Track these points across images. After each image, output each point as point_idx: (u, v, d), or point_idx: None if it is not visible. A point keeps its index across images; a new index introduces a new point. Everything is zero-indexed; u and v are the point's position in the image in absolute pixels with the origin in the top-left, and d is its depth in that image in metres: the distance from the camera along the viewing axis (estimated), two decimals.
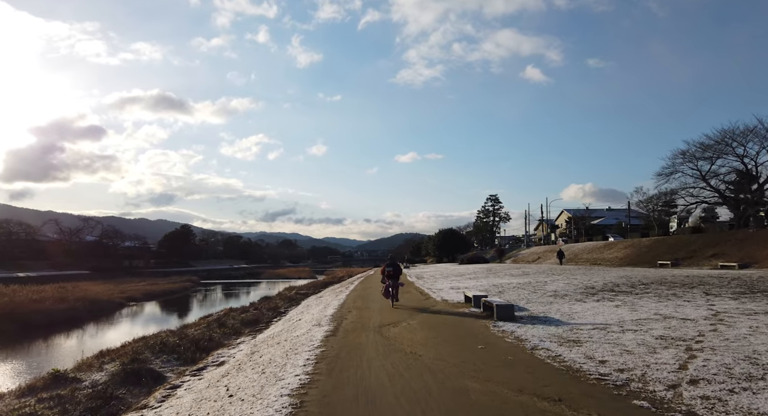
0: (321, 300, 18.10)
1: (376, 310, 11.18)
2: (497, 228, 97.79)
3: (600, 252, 40.70)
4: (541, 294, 13.08)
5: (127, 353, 14.11)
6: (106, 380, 10.79)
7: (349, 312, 10.66)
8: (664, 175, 34.25)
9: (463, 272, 32.07)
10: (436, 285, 21.33)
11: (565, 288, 14.68)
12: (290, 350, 6.45)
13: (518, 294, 13.76)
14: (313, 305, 15.91)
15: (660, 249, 32.92)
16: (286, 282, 62.82)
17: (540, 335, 6.87)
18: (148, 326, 25.25)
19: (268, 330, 11.50)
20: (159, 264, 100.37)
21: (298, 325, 9.62)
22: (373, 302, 13.48)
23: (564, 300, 11.45)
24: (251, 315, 22.95)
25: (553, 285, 16.18)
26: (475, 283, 20.26)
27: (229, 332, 18.81)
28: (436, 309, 10.97)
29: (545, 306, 10.47)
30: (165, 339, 15.72)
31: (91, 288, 45.21)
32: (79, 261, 77.22)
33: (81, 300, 33.09)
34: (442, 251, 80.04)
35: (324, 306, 12.78)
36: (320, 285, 42.45)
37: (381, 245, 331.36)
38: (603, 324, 7.45)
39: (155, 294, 45.13)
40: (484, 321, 8.58)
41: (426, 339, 6.87)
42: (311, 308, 14.59)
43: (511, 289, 15.55)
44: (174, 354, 13.94)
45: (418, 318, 9.37)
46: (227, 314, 24.38)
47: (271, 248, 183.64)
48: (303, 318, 11.07)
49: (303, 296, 31.65)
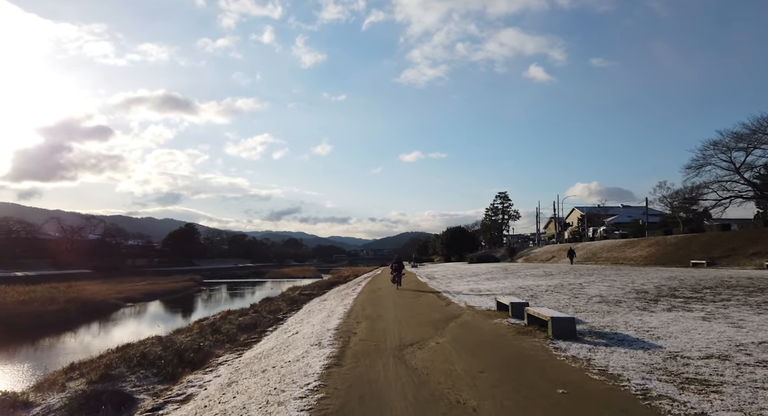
0: (324, 304, 16.04)
1: (391, 320, 9.11)
2: (506, 226, 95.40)
3: (621, 250, 38.35)
4: (585, 301, 10.95)
5: (100, 367, 12.18)
6: (61, 405, 8.85)
7: (357, 324, 8.60)
8: (694, 167, 31.79)
9: (476, 272, 29.92)
10: (452, 286, 19.23)
11: (610, 291, 12.53)
12: (274, 390, 4.40)
13: (556, 299, 11.64)
14: (315, 311, 13.84)
15: (690, 247, 30.58)
16: (291, 282, 60.95)
17: (633, 366, 4.79)
18: (140, 329, 23.44)
19: (260, 345, 9.45)
20: (163, 263, 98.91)
21: (293, 342, 7.58)
22: (386, 308, 11.42)
23: (621, 308, 9.32)
24: (249, 319, 21.12)
25: (593, 288, 14.03)
26: (496, 285, 18.14)
27: (222, 339, 16.89)
28: (464, 320, 8.88)
29: (603, 316, 8.36)
30: (147, 349, 13.77)
31: (88, 287, 43.55)
32: (82, 260, 75.78)
33: (72, 302, 31.38)
34: (450, 250, 77.88)
35: (327, 315, 10.73)
36: (325, 285, 40.46)
37: (387, 244, 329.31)
38: (716, 351, 5.34)
39: (155, 295, 43.35)
40: (536, 340, 6.50)
41: (471, 373, 4.79)
42: (312, 315, 12.52)
43: (544, 293, 13.43)
44: (153, 368, 11.97)
45: (448, 334, 7.30)
46: (224, 317, 22.54)
47: (277, 247, 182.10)
48: (301, 330, 9.01)
49: (306, 297, 29.66)
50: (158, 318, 29.59)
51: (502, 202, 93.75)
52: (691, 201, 34.30)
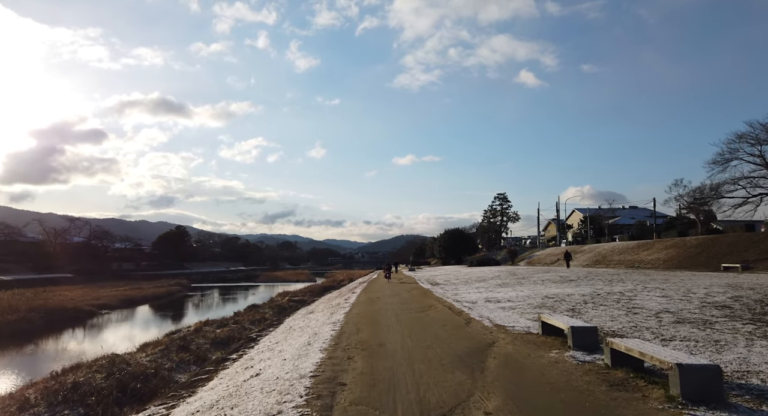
0: (310, 319, 13.19)
1: (398, 354, 6.33)
2: (505, 228, 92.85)
3: (634, 253, 35.78)
4: (654, 319, 8.22)
5: (12, 405, 9.36)
6: None
7: (348, 362, 5.82)
8: (719, 162, 29.12)
9: (482, 277, 27.19)
10: (461, 294, 16.48)
11: (675, 305, 9.78)
12: None
13: (608, 315, 8.92)
14: (296, 329, 10.97)
15: (713, 249, 28.03)
16: (284, 286, 58.15)
17: None
18: (106, 342, 20.72)
19: (210, 386, 6.56)
20: (151, 266, 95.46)
21: (247, 395, 4.75)
22: (388, 330, 8.63)
23: (726, 334, 6.61)
24: (227, 332, 18.49)
25: (644, 299, 11.31)
26: (514, 293, 15.40)
27: (189, 359, 14.12)
28: (504, 352, 6.13)
29: (721, 351, 5.63)
30: (85, 377, 10.95)
31: (64, 293, 40.55)
32: (64, 263, 72.34)
33: (37, 310, 28.42)
34: (448, 253, 75.25)
35: (308, 340, 7.87)
36: (317, 290, 37.76)
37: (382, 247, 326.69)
38: None
39: (135, 301, 40.37)
40: (652, 405, 3.78)
41: None
42: (291, 337, 9.63)
43: (584, 306, 10.71)
44: (81, 407, 9.14)
45: (495, 386, 4.55)
46: (199, 329, 19.84)
47: (271, 250, 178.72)
48: (264, 371, 6.12)
49: (296, 304, 26.92)
50: (127, 330, 26.68)
51: (501, 204, 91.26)
52: (713, 198, 31.66)
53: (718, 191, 30.34)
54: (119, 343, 20.19)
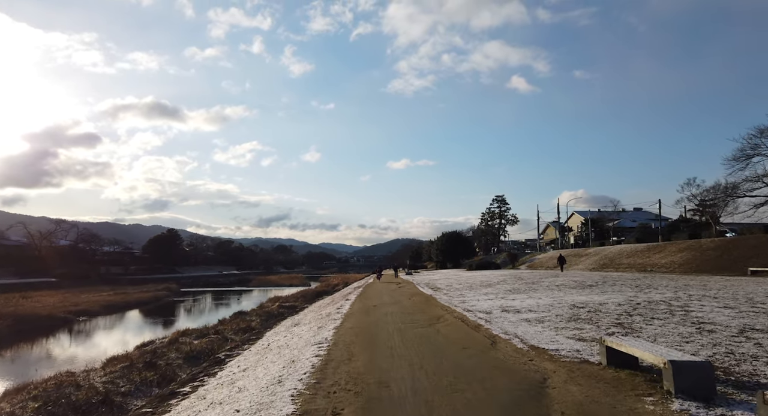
0: (293, 334, 11.02)
1: (408, 397, 4.30)
2: (504, 231, 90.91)
3: (646, 256, 33.87)
4: (749, 342, 6.23)
5: None
6: None
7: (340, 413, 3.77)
8: (740, 158, 27.20)
9: (487, 281, 25.14)
10: (469, 301, 14.44)
11: (753, 320, 7.79)
12: None
13: (675, 333, 6.90)
14: (274, 349, 8.78)
15: (734, 252, 26.14)
16: (277, 290, 55.88)
17: None
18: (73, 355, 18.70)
19: None
20: (141, 270, 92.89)
21: None
22: (390, 353, 6.55)
23: None
24: (206, 343, 16.46)
25: (699, 309, 9.30)
26: (533, 302, 13.35)
27: (153, 379, 11.94)
28: (570, 401, 4.09)
29: None
30: (13, 408, 8.85)
31: (42, 298, 38.07)
32: (49, 267, 69.70)
33: (5, 318, 26.14)
34: (446, 256, 73.24)
35: (278, 375, 5.71)
36: (310, 295, 35.61)
37: (377, 250, 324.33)
38: None
39: (117, 307, 37.94)
40: None
41: None
42: (264, 360, 7.43)
43: (626, 317, 8.69)
44: None
45: None
46: (174, 341, 17.72)
47: (265, 253, 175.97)
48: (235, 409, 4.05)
49: (286, 310, 24.78)
50: (106, 338, 24.41)
51: (500, 206, 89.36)
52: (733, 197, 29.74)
53: (736, 189, 28.46)
54: (85, 356, 18.02)
